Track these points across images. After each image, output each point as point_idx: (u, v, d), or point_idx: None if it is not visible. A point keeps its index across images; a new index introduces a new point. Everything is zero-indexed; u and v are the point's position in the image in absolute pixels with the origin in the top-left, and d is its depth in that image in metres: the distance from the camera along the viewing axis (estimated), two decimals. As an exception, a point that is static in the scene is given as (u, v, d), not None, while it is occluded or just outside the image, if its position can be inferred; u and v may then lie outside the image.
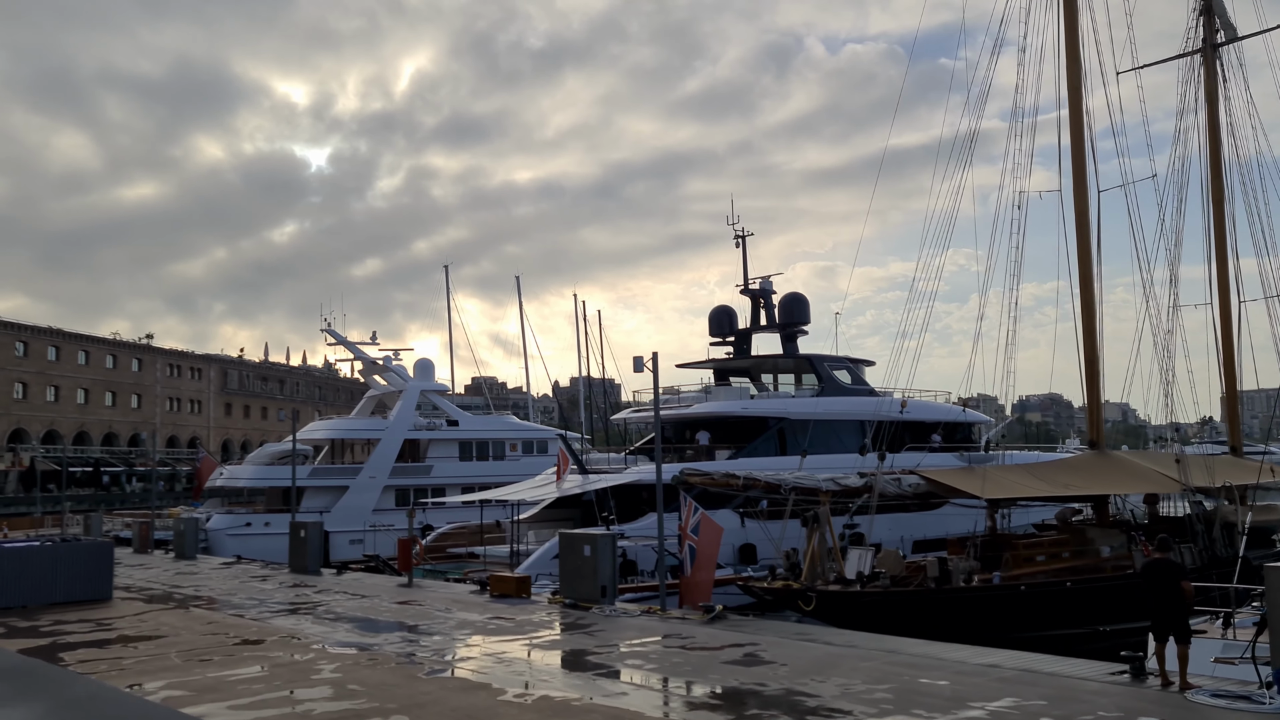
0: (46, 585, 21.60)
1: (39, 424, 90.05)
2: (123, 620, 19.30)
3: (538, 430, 59.48)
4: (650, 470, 35.26)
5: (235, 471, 51.33)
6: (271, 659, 14.53)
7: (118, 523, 48.73)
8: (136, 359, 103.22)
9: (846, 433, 38.25)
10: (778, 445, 37.02)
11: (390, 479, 51.64)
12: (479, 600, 21.14)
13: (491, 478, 54.99)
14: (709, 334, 42.41)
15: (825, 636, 15.24)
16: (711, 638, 15.28)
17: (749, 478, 24.28)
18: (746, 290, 41.32)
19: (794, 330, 40.39)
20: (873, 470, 25.06)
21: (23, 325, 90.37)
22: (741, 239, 41.16)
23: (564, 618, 17.99)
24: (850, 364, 40.49)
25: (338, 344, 55.98)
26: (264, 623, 18.40)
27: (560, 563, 20.29)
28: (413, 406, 53.93)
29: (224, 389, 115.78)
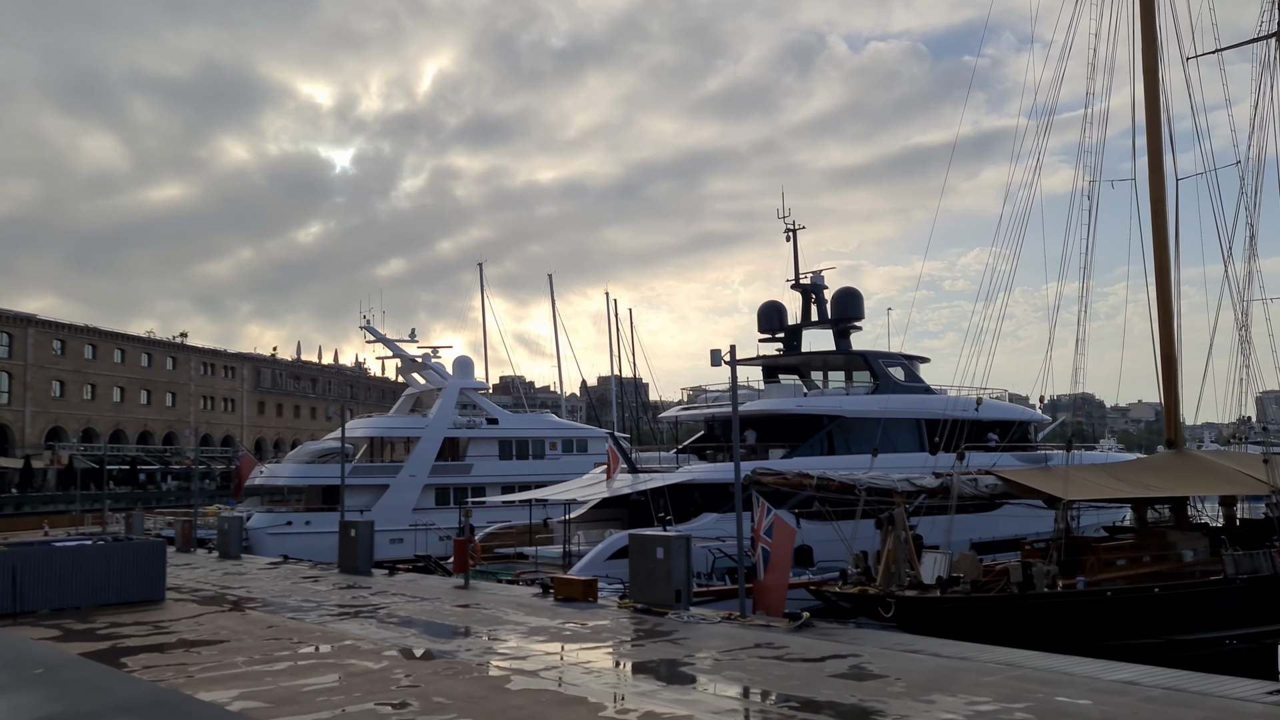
0: (99, 585, 21.03)
1: (76, 422, 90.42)
2: (179, 623, 18.66)
3: (577, 429, 58.77)
4: (705, 469, 34.45)
5: (275, 470, 50.95)
6: (344, 667, 13.77)
7: (158, 521, 48.40)
8: (171, 357, 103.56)
9: (903, 431, 37.28)
10: (833, 444, 36.08)
11: (430, 477, 51.09)
12: (543, 604, 20.34)
13: (531, 477, 54.36)
14: (758, 330, 41.47)
15: (929, 646, 14.30)
16: (807, 648, 14.37)
17: (823, 478, 23.33)
18: (797, 285, 40.33)
19: (847, 326, 39.39)
20: (948, 470, 24.03)
21: (60, 324, 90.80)
22: (792, 232, 40.19)
23: (639, 624, 17.14)
24: (905, 360, 39.41)
25: (376, 341, 55.47)
26: (326, 627, 17.69)
27: (631, 566, 19.45)
28: (453, 404, 53.34)
29: (257, 388, 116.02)
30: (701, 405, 39.06)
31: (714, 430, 39.90)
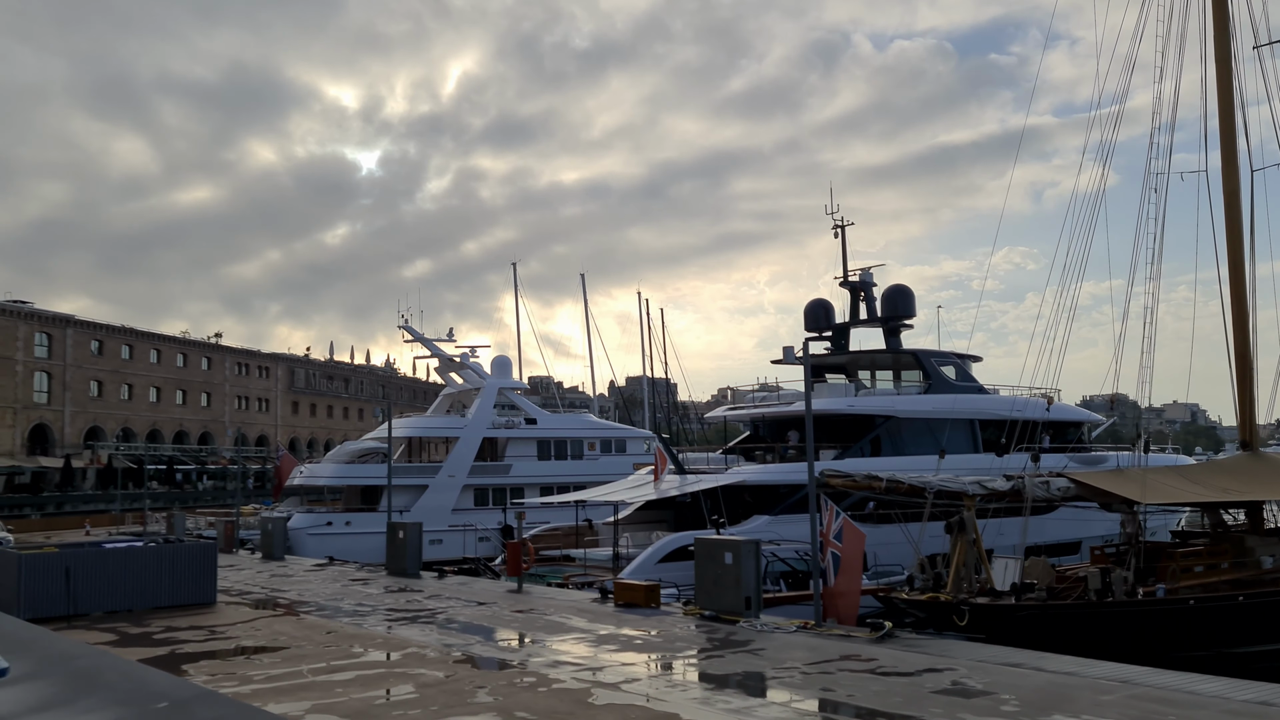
0: (151, 588, 20.65)
1: (114, 422, 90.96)
2: (234, 628, 18.21)
3: (616, 429, 58.19)
4: (757, 470, 33.73)
5: (315, 470, 50.69)
6: (414, 677, 13.21)
7: (198, 521, 48.30)
8: (206, 358, 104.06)
9: (956, 432, 36.37)
10: (888, 445, 35.27)
11: (469, 478, 50.69)
12: (604, 609, 19.72)
13: (570, 477, 53.85)
14: (804, 328, 40.62)
15: (1028, 660, 13.54)
16: (897, 660, 13.65)
17: (892, 480, 22.54)
18: (846, 282, 39.48)
19: (897, 324, 38.50)
20: (1018, 472, 23.19)
21: (97, 324, 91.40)
22: (841, 228, 39.36)
23: (710, 633, 16.48)
24: (957, 359, 38.50)
25: (414, 341, 55.14)
26: (387, 633, 17.16)
27: (696, 571, 18.79)
28: (491, 404, 52.94)
29: (291, 387, 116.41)
30: (748, 405, 38.33)
31: (759, 431, 39.17)
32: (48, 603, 19.23)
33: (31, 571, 19.34)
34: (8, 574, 19.95)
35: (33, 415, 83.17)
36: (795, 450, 35.45)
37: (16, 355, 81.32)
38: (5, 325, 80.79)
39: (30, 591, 19.18)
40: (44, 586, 19.36)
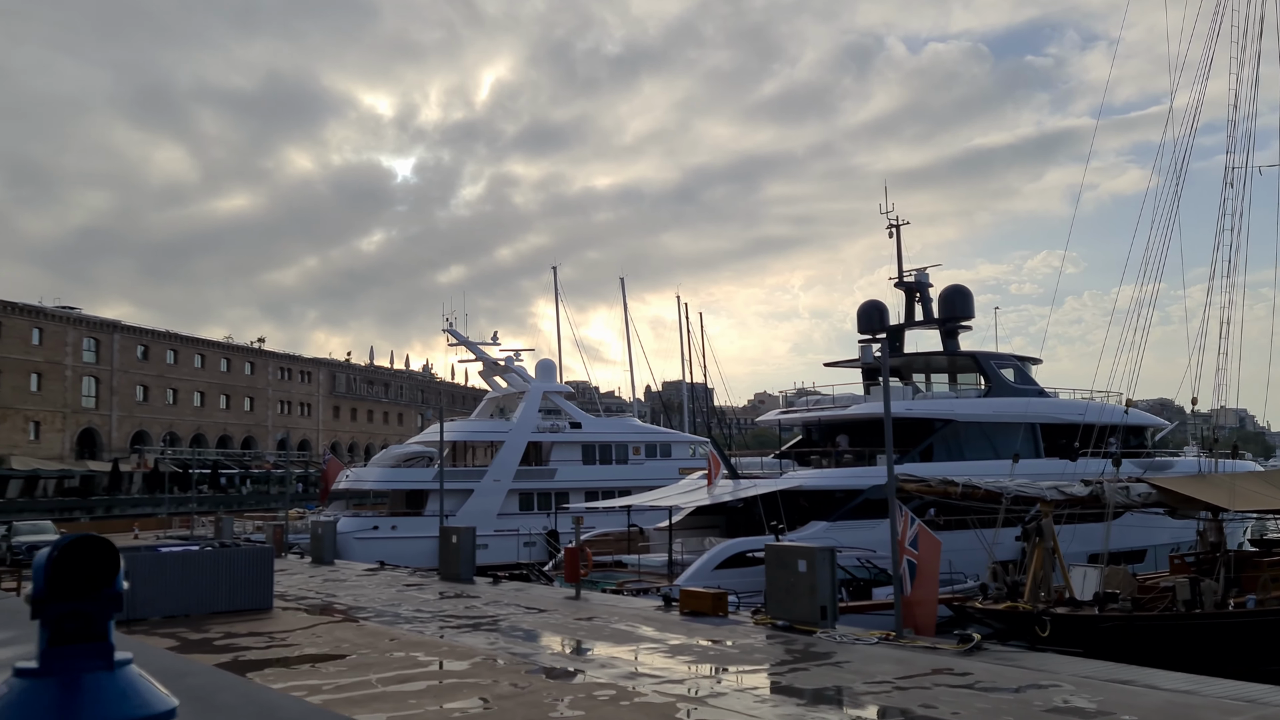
0: (209, 593, 20.34)
1: (159, 426, 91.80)
2: (294, 634, 17.81)
3: (661, 433, 57.56)
4: (814, 475, 33.02)
5: (360, 474, 50.56)
6: (487, 688, 12.69)
7: (245, 525, 48.32)
8: (249, 362, 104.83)
9: (1015, 436, 35.39)
10: (942, 449, 34.39)
11: (514, 482, 50.30)
12: (670, 618, 19.11)
13: (615, 482, 53.29)
14: (858, 330, 39.86)
15: (1139, 676, 12.74)
16: (994, 675, 12.91)
17: (968, 485, 21.77)
18: (901, 283, 38.65)
19: (955, 326, 37.60)
20: (1097, 477, 22.31)
21: (143, 329, 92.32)
22: (896, 228, 38.55)
23: (788, 644, 15.81)
24: (1017, 361, 37.54)
25: (459, 345, 54.95)
26: (451, 641, 16.66)
27: (768, 579, 18.14)
28: (536, 408, 52.54)
29: (332, 392, 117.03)
30: (801, 409, 37.59)
31: (812, 435, 38.43)
32: (106, 607, 18.95)
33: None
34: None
35: (81, 419, 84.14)
36: (850, 455, 34.69)
37: (65, 360, 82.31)
38: (55, 330, 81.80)
39: (89, 595, 18.91)
40: (102, 590, 19.09)
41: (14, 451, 75.04)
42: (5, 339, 77.24)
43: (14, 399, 77.66)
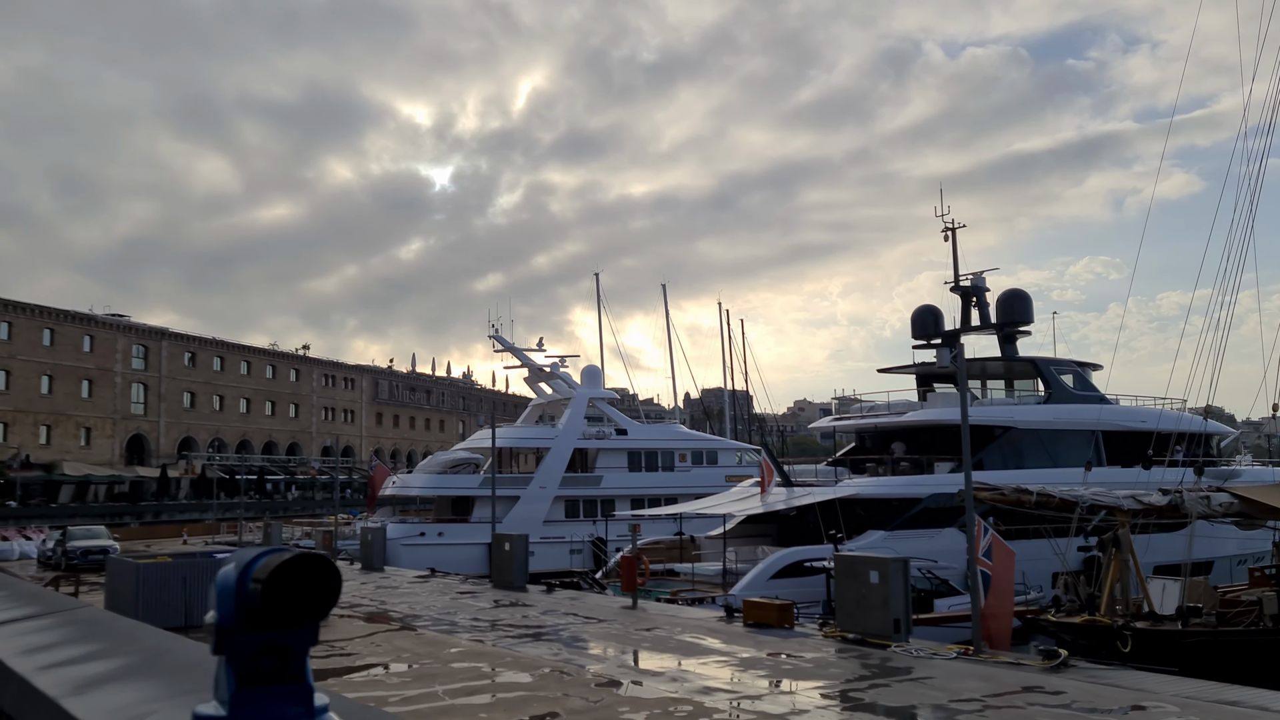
0: (265, 600, 20.14)
1: (206, 432, 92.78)
2: (353, 643, 17.52)
3: (708, 440, 57.03)
4: (873, 483, 32.33)
5: (407, 480, 50.53)
6: (559, 701, 12.27)
7: (294, 530, 48.43)
8: (294, 369, 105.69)
9: (1077, 444, 34.53)
10: (998, 457, 33.53)
11: (560, 489, 50.00)
12: (734, 629, 18.59)
13: (661, 489, 52.83)
14: (911, 335, 39.09)
15: (1245, 698, 12.05)
16: (1090, 695, 12.27)
17: (1043, 494, 21.04)
18: (957, 287, 37.86)
19: (1013, 331, 36.72)
20: (1175, 486, 21.49)
21: (191, 336, 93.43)
22: (951, 230, 37.75)
23: (863, 658, 15.24)
24: (1077, 367, 36.58)
25: (504, 351, 54.82)
26: (513, 651, 16.27)
27: (837, 590, 17.58)
28: (582, 414, 52.23)
29: (375, 399, 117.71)
30: (855, 416, 36.89)
31: (866, 442, 37.69)
32: (163, 612, 18.77)
33: (149, 581, 18.98)
34: (125, 583, 19.64)
35: (130, 425, 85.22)
36: (906, 462, 33.96)
37: (115, 367, 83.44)
38: (105, 337, 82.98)
39: (148, 601, 18.78)
40: (161, 596, 18.97)
41: (66, 457, 76.13)
42: (58, 346, 78.45)
43: (66, 405, 78.82)
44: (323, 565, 1.80)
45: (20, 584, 7.83)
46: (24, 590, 7.86)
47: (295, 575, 1.77)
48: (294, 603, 1.78)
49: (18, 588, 7.73)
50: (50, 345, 78.03)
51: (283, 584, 1.76)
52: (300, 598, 1.78)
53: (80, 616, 6.37)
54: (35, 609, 6.82)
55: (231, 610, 1.81)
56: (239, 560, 1.86)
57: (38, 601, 6.94)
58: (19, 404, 74.98)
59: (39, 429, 76.96)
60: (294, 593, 1.77)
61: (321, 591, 1.80)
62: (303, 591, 1.78)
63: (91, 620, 6.32)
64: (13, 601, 7.09)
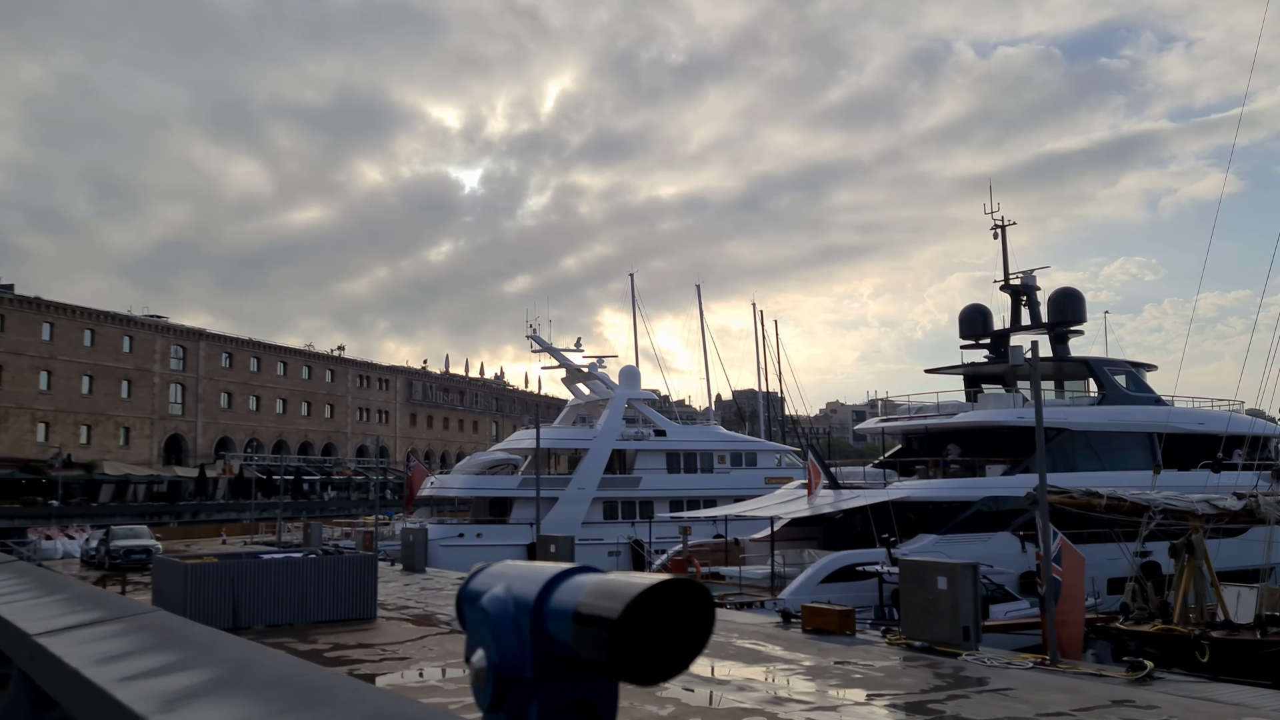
0: (312, 602, 19.85)
1: (243, 432, 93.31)
2: (403, 646, 17.17)
3: (748, 442, 56.43)
4: (926, 485, 31.64)
5: (445, 480, 50.35)
6: (624, 710, 11.77)
7: (334, 531, 48.36)
8: (329, 370, 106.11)
9: (1132, 446, 33.65)
10: (1052, 460, 32.69)
11: (598, 490, 49.59)
12: (792, 635, 18.03)
13: (700, 491, 52.28)
14: (960, 335, 38.31)
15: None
16: (1187, 711, 11.62)
17: (1113, 497, 20.32)
18: (1007, 286, 37.04)
19: (1066, 330, 35.83)
20: (1251, 490, 20.70)
21: (228, 337, 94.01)
22: (1001, 228, 36.97)
23: (934, 668, 14.66)
24: (1131, 368, 35.65)
25: (542, 351, 54.52)
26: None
27: (902, 597, 16.99)
28: (620, 415, 51.81)
29: (409, 400, 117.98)
30: (904, 416, 36.16)
31: (913, 444, 36.95)
32: (211, 614, 18.50)
33: (197, 582, 18.73)
34: (172, 584, 19.41)
35: (168, 426, 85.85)
36: (957, 464, 33.22)
37: (154, 368, 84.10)
38: (144, 338, 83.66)
39: (196, 602, 18.52)
40: (209, 597, 18.71)
41: (105, 457, 76.78)
42: (98, 346, 79.18)
43: (106, 405, 79.52)
44: (695, 594, 1.28)
45: (80, 585, 7.51)
46: (86, 592, 7.51)
47: (660, 610, 1.24)
48: (657, 648, 1.25)
49: (78, 589, 7.39)
50: (91, 346, 78.76)
51: (644, 623, 1.22)
52: (665, 641, 1.26)
53: (151, 622, 6.03)
54: (101, 613, 6.48)
55: (523, 653, 1.26)
56: (520, 578, 1.33)
57: (103, 605, 6.61)
58: (60, 404, 75.73)
59: (79, 429, 77.68)
60: (657, 634, 1.24)
61: (692, 631, 1.29)
62: (667, 632, 1.26)
63: (164, 626, 5.97)
64: (76, 604, 6.76)
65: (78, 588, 8.77)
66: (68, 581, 9.25)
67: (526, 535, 47.30)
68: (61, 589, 8.38)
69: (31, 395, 73.69)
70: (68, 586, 9.06)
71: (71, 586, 8.89)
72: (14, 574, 9.99)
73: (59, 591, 8.51)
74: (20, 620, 7.18)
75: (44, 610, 7.39)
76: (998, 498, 30.52)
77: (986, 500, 30.35)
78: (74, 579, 9.45)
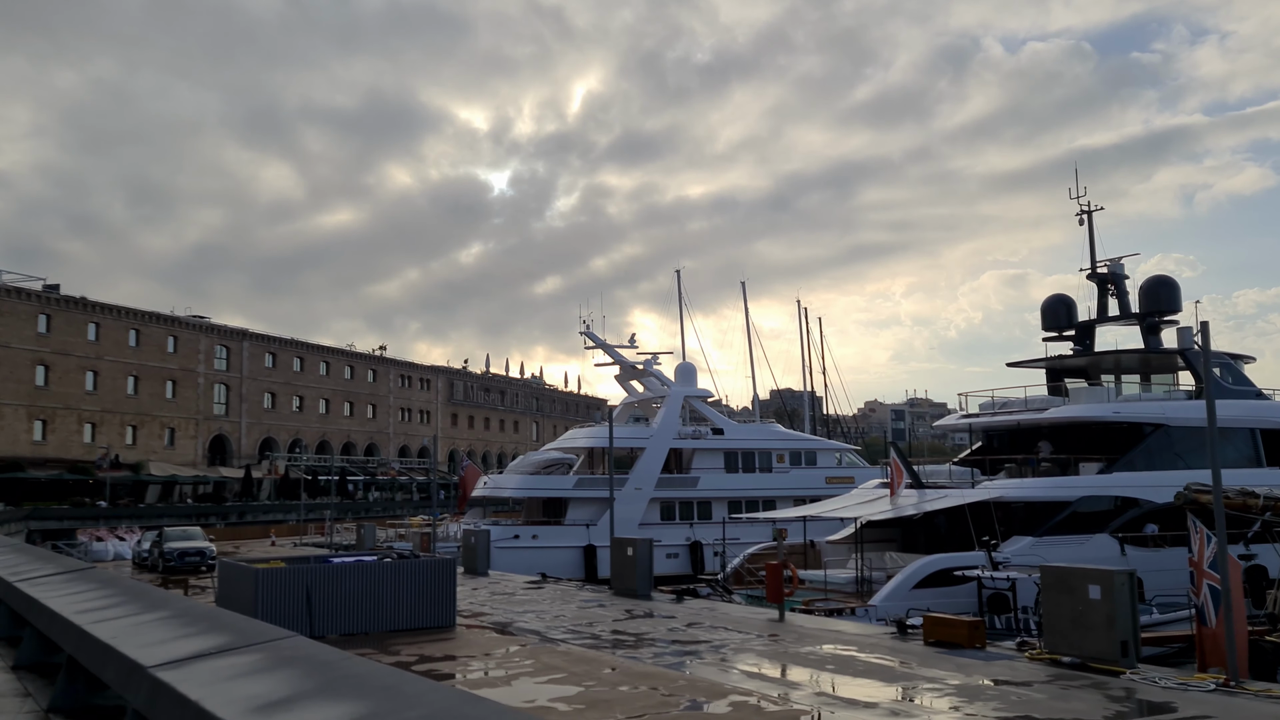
0: (389, 609, 18.55)
1: (286, 433, 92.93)
2: (491, 658, 15.80)
3: (807, 440, 54.75)
4: (1020, 485, 29.87)
5: (499, 480, 49.12)
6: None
7: (389, 532, 47.29)
8: (371, 370, 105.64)
9: (1234, 443, 31.73)
10: (1144, 458, 30.84)
11: (655, 491, 48.18)
12: (914, 649, 16.45)
13: (759, 491, 50.77)
14: (1042, 327, 36.49)
15: None
16: None
17: (1269, 497, 18.58)
18: (1094, 274, 35.16)
19: (1158, 321, 33.90)
20: None
21: (271, 337, 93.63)
22: (1088, 214, 35.09)
23: (1102, 688, 13.03)
24: (1229, 359, 33.66)
25: (596, 348, 53.22)
26: (680, 672, 14.37)
27: (1045, 607, 15.36)
28: (676, 413, 50.38)
29: (450, 399, 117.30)
30: (987, 413, 34.33)
31: (994, 442, 35.14)
32: (285, 623, 17.21)
33: (269, 588, 17.47)
34: (240, 590, 18.19)
35: (213, 426, 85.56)
36: (1048, 463, 31.43)
37: (198, 368, 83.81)
38: (188, 338, 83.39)
39: (268, 610, 17.26)
40: (282, 605, 17.44)
41: (151, 457, 76.49)
42: (143, 347, 78.96)
43: (151, 406, 79.27)
44: None
45: (183, 600, 6.15)
46: (193, 609, 6.12)
47: None
48: None
49: (181, 604, 6.02)
50: (136, 346, 78.55)
51: None
52: None
53: (290, 651, 4.77)
54: (225, 638, 5.20)
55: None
56: None
57: (222, 626, 5.35)
58: (106, 404, 75.52)
59: (125, 429, 77.47)
60: None
61: None
62: None
63: (310, 657, 4.73)
64: (188, 625, 5.48)
65: (180, 602, 7.45)
66: (165, 595, 7.89)
67: (582, 537, 46.01)
68: (162, 604, 7.09)
69: (78, 396, 73.52)
70: (168, 602, 7.74)
71: (172, 601, 7.57)
72: (98, 584, 8.61)
73: (160, 608, 7.20)
74: (128, 646, 5.82)
75: (153, 633, 6.08)
76: (1096, 497, 28.77)
77: (1084, 500, 28.61)
78: (187, 599, 8.08)
